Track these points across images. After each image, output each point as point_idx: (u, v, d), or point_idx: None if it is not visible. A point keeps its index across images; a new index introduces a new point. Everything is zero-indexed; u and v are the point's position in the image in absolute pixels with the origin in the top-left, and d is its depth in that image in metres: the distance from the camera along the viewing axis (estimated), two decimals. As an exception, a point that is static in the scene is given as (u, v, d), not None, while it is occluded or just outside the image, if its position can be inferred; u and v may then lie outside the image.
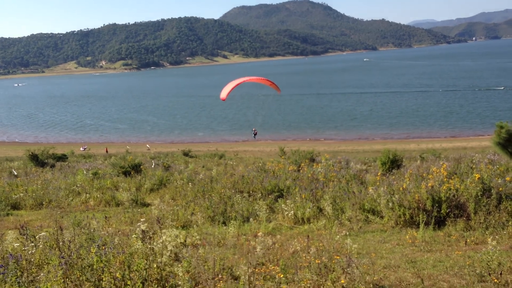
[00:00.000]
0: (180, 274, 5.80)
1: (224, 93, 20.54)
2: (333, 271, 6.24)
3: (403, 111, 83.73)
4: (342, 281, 5.84)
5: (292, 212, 11.68)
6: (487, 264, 6.67)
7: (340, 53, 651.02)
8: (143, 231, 5.88)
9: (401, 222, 10.10)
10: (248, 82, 21.93)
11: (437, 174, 11.63)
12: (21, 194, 16.93)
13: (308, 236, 8.61)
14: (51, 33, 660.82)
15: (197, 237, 9.00)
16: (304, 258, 7.11)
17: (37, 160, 31.25)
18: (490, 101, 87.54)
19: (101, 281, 5.30)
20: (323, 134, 69.87)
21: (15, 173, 25.67)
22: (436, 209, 9.90)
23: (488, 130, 57.19)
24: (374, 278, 6.52)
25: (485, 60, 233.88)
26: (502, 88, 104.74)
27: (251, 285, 5.72)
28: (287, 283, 6.09)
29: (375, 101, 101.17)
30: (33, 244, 6.61)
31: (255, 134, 53.33)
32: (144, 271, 5.52)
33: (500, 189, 9.92)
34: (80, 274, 5.41)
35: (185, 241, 6.83)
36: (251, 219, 11.60)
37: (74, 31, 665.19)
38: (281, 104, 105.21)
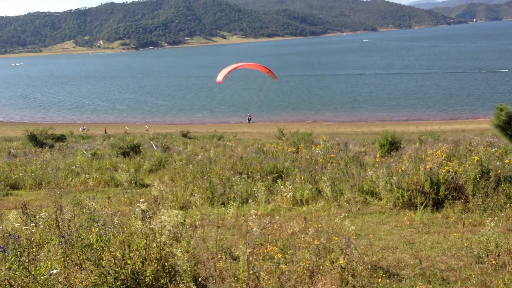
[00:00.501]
0: (180, 254, 5.84)
1: (220, 76, 20.56)
2: (332, 252, 6.29)
3: (403, 93, 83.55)
4: (340, 262, 5.88)
5: (290, 193, 11.72)
6: (485, 245, 6.72)
7: (340, 34, 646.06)
8: (142, 210, 5.89)
9: (400, 204, 10.15)
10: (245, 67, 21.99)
11: (435, 156, 11.65)
12: (20, 174, 16.94)
13: (305, 217, 8.66)
14: (49, 12, 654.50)
15: (197, 217, 9.04)
16: (302, 239, 7.15)
17: (36, 140, 31.22)
18: (491, 84, 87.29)
19: (101, 260, 5.33)
20: (322, 116, 69.82)
21: (13, 153, 25.66)
22: (434, 191, 9.93)
23: (487, 113, 57.13)
24: (373, 259, 6.57)
25: (486, 42, 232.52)
26: (507, 70, 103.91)
27: (250, 265, 5.76)
28: (286, 264, 6.13)
29: (375, 82, 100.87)
30: (33, 223, 6.64)
31: (249, 120, 53.57)
32: (144, 251, 5.56)
33: (499, 171, 9.94)
34: (81, 253, 5.44)
35: (185, 221, 6.87)
36: (250, 200, 11.64)
37: (72, 10, 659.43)
38: (280, 85, 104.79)
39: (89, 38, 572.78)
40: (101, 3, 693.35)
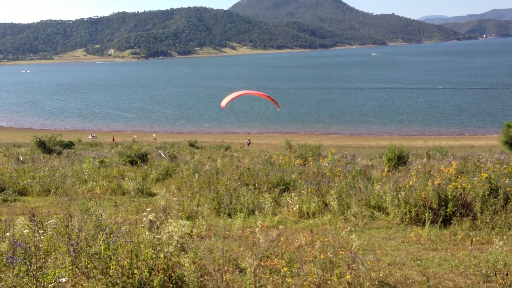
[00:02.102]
0: (187, 264, 5.84)
1: (224, 102, 20.80)
2: (338, 266, 6.26)
3: (412, 108, 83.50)
4: (347, 277, 5.85)
5: (297, 206, 11.68)
6: (493, 264, 6.65)
7: (349, 47, 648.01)
8: (151, 220, 5.91)
9: (407, 220, 10.09)
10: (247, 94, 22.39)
11: (445, 172, 11.59)
12: (29, 180, 17.00)
13: (311, 230, 8.63)
14: (61, 20, 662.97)
15: (203, 228, 9.04)
16: (309, 252, 7.13)
17: (44, 146, 31.43)
18: (501, 100, 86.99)
19: (109, 269, 5.34)
20: (330, 129, 69.81)
21: (22, 159, 25.83)
22: (443, 208, 9.87)
23: (497, 129, 56.81)
24: (380, 275, 6.53)
25: (497, 58, 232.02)
26: None
27: (257, 278, 5.75)
28: (292, 277, 6.11)
29: (385, 96, 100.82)
30: (42, 231, 6.67)
31: (248, 143, 54.59)
32: (151, 261, 5.56)
33: (508, 189, 9.87)
34: (88, 261, 5.46)
35: (192, 231, 6.89)
36: (256, 212, 11.62)
37: (84, 18, 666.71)
38: (289, 97, 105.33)
39: (100, 47, 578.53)
40: (113, 12, 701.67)
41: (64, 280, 5.07)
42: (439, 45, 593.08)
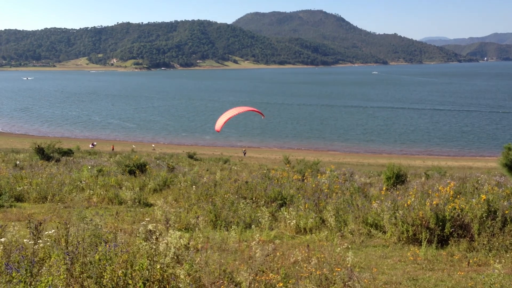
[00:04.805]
0: (182, 276, 5.79)
1: (218, 125, 20.83)
2: (334, 283, 6.22)
3: (414, 128, 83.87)
4: (343, 294, 5.82)
5: (294, 221, 11.63)
6: (489, 286, 6.61)
7: (351, 65, 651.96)
8: (150, 230, 5.88)
9: (404, 239, 10.04)
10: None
11: (443, 192, 11.58)
12: (25, 187, 16.91)
13: (308, 246, 8.58)
14: (65, 28, 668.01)
15: (200, 240, 8.99)
16: (305, 268, 7.09)
17: (43, 153, 31.33)
18: (502, 123, 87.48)
19: (103, 279, 5.30)
20: (330, 145, 69.94)
21: (20, 165, 25.75)
22: (440, 228, 9.83)
23: (495, 152, 56.94)
24: (375, 294, 6.49)
25: (498, 81, 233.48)
26: None
27: (252, 292, 5.70)
28: (288, 293, 6.07)
29: (386, 115, 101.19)
30: (38, 237, 6.64)
31: (244, 153, 55.26)
32: (147, 271, 5.52)
33: (506, 211, 9.85)
34: (83, 270, 5.42)
35: (189, 243, 6.85)
36: (253, 226, 11.57)
37: (88, 27, 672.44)
38: (290, 113, 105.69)
39: (103, 56, 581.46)
40: (117, 23, 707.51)
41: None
42: (441, 66, 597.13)
